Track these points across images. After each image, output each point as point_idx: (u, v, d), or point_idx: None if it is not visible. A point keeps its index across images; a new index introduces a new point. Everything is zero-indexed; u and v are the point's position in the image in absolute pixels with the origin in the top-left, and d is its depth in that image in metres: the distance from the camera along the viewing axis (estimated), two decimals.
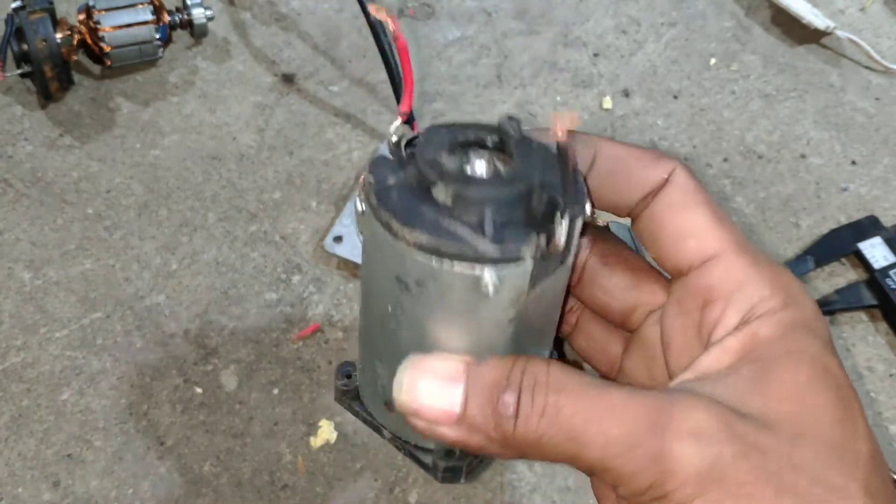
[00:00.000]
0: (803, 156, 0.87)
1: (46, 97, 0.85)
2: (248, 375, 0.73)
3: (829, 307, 0.77)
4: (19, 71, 0.82)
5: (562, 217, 0.32)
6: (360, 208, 0.34)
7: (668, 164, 0.37)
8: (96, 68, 0.89)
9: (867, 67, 0.93)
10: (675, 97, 0.90)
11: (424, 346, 0.35)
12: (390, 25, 0.33)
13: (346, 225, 0.79)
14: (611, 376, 0.41)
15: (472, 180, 0.33)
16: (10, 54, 0.82)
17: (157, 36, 0.84)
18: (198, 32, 0.88)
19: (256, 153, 0.85)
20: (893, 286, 0.76)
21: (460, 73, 0.91)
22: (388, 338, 0.36)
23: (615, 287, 0.39)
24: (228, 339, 0.74)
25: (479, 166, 0.34)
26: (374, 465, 0.69)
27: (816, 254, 0.79)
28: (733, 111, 0.89)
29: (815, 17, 0.92)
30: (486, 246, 0.31)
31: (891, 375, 0.75)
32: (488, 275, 0.32)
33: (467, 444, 0.33)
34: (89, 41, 0.83)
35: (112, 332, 0.74)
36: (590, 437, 0.30)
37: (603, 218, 0.37)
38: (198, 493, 0.68)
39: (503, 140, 0.34)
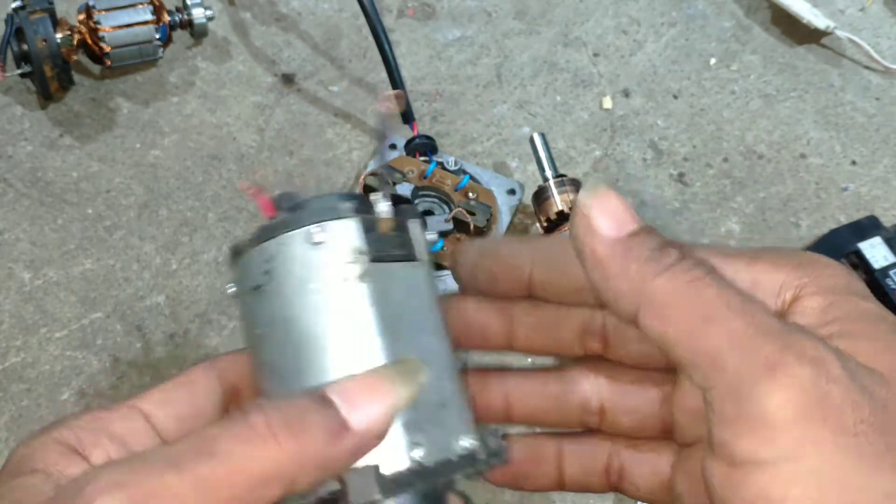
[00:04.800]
0: (803, 156, 0.87)
1: (46, 97, 0.85)
2: None
3: None
4: (19, 71, 0.82)
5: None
6: (230, 293, 0.36)
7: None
8: (96, 68, 0.89)
9: (867, 67, 0.93)
10: (675, 97, 0.90)
11: (300, 352, 0.33)
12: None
13: None
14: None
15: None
16: (10, 54, 0.82)
17: (157, 36, 0.84)
18: (198, 32, 0.88)
19: (256, 153, 0.85)
20: (893, 286, 0.76)
21: (460, 73, 0.91)
22: (277, 362, 0.34)
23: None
24: (228, 339, 0.74)
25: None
26: None
27: None
28: (733, 111, 0.89)
29: (815, 17, 0.92)
30: (306, 215, 0.34)
31: None
32: (314, 228, 0.33)
33: (606, 272, 0.31)
34: (89, 41, 0.83)
35: (112, 332, 0.74)
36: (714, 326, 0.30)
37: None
38: None
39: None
